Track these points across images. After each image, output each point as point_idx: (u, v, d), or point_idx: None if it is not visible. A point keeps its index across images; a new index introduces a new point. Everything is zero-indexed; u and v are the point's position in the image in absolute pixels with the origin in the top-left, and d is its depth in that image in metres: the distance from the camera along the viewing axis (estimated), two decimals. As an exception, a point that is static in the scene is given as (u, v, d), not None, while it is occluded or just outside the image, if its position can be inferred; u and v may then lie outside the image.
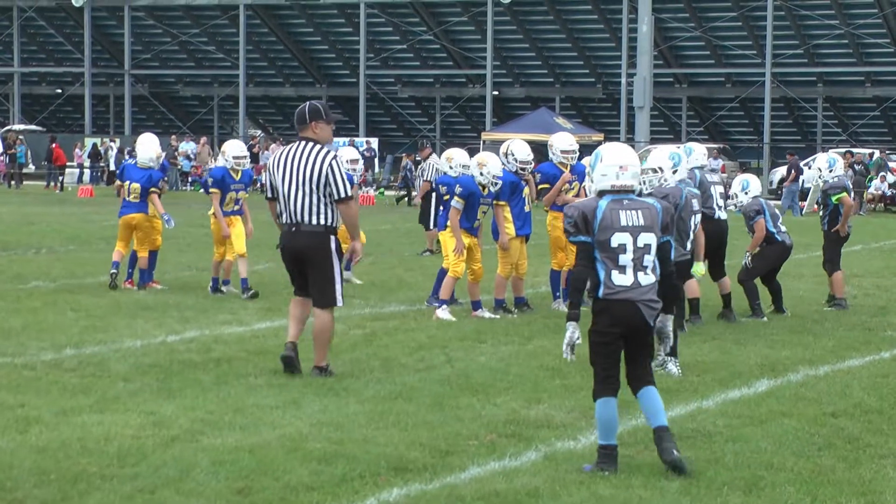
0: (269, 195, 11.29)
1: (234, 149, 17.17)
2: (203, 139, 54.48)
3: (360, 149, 53.45)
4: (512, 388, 10.58)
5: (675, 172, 12.78)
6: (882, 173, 43.33)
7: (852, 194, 16.56)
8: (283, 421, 9.20)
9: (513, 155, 15.41)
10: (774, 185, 46.60)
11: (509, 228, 15.23)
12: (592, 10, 56.23)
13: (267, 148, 52.33)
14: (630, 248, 8.05)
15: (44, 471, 7.72)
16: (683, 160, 13.08)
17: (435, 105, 64.17)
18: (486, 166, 14.93)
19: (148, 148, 17.64)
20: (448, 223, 14.83)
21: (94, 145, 55.51)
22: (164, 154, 18.27)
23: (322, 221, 11.01)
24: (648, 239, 8.10)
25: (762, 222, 15.34)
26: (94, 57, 64.40)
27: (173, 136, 57.55)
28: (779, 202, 15.46)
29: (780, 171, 46.17)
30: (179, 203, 40.48)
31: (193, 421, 9.14)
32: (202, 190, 16.31)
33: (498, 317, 14.87)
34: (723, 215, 15.06)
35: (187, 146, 52.94)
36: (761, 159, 55.07)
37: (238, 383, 10.65)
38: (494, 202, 15.11)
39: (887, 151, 47.79)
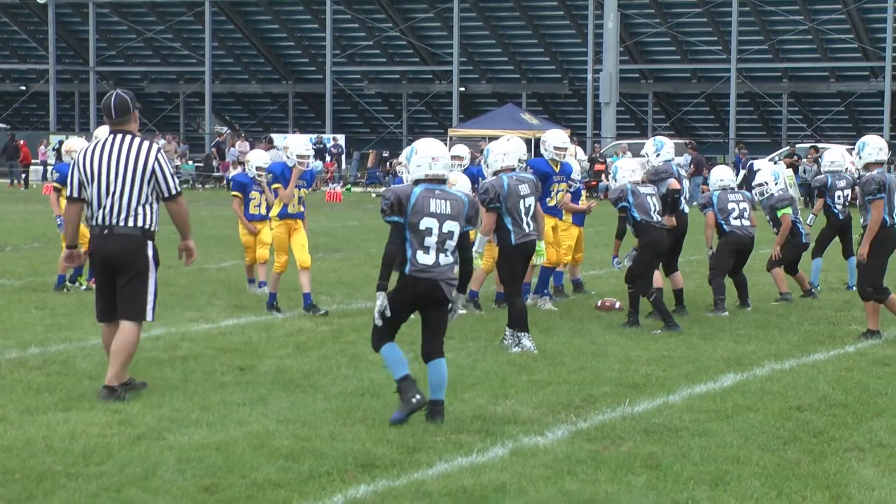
0: (75, 195, 9.93)
1: (299, 146, 15.19)
2: (169, 136, 54.33)
3: (328, 145, 53.59)
4: (479, 384, 10.58)
5: (487, 166, 13.23)
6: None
7: (797, 210, 16.67)
8: (250, 418, 9.18)
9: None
10: (740, 180, 46.70)
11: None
12: (558, 6, 56.33)
13: (233, 144, 52.28)
14: (435, 231, 9.10)
15: (8, 470, 7.67)
16: (492, 155, 13.17)
17: (402, 101, 64.18)
18: (455, 187, 14.84)
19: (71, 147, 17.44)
20: None
21: (61, 142, 55.20)
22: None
23: (139, 224, 9.78)
24: (452, 226, 9.15)
25: (711, 214, 15.63)
26: (58, 54, 64.09)
27: (161, 136, 57.45)
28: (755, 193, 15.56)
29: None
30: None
31: (160, 419, 9.11)
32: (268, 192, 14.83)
33: (464, 312, 14.86)
34: (686, 209, 15.23)
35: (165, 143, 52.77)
36: (727, 154, 55.24)
37: (205, 381, 10.62)
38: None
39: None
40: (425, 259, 9.08)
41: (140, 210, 9.77)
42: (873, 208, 13.23)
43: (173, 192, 9.90)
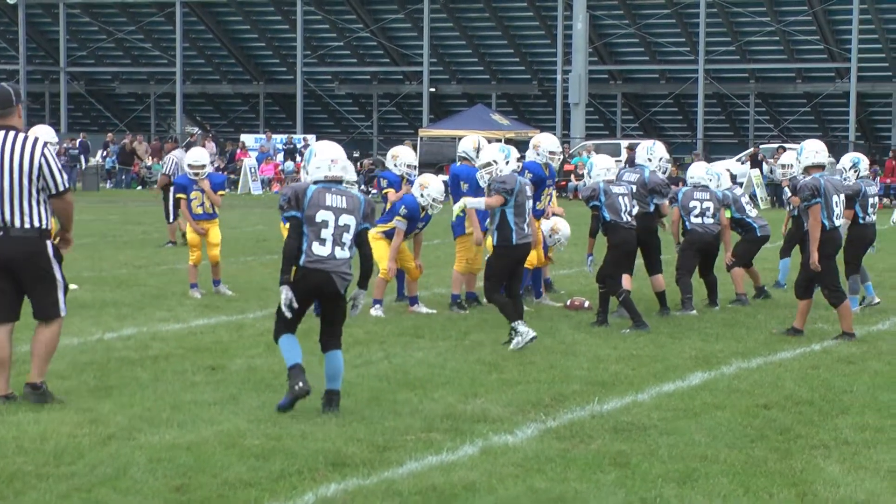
0: None
1: (190, 157, 16.66)
2: (139, 136, 54.20)
3: (299, 146, 53.51)
4: (449, 383, 10.59)
5: (507, 164, 12.97)
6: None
7: (743, 209, 16.79)
8: (221, 417, 9.16)
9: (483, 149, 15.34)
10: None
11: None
12: (528, 7, 56.37)
13: (203, 145, 52.15)
14: (332, 224, 9.26)
15: (-21, 470, 7.64)
16: (513, 154, 13.13)
17: (372, 102, 64.13)
18: (427, 188, 14.83)
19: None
20: (377, 230, 14.74)
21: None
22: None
23: (35, 224, 9.39)
24: (348, 220, 9.32)
25: (676, 210, 15.69)
26: (28, 54, 63.75)
27: (109, 134, 57.26)
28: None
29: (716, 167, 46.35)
30: (116, 201, 40.29)
31: (131, 418, 9.08)
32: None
33: (434, 311, 14.88)
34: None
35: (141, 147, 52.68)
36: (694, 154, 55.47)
37: (175, 380, 10.60)
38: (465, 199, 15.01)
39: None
40: (321, 250, 9.24)
41: (35, 208, 9.39)
42: (811, 214, 13.28)
43: (60, 188, 9.50)
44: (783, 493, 7.45)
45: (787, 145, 46.00)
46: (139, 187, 51.14)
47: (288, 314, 9.26)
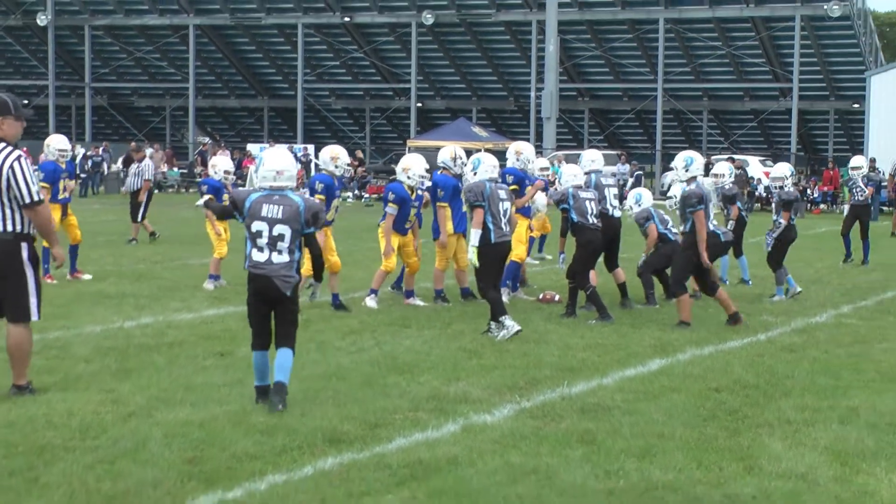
0: None
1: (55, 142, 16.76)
2: (157, 145, 54.01)
3: (298, 154, 53.47)
4: (434, 368, 10.58)
5: (475, 174, 12.84)
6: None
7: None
8: (229, 398, 9.15)
9: (461, 159, 15.25)
10: (665, 188, 46.95)
11: (448, 227, 15.10)
12: (505, 31, 56.35)
13: (215, 153, 52.01)
14: (266, 234, 8.82)
15: (12, 443, 7.62)
16: (483, 163, 12.88)
17: (365, 115, 64.03)
18: (411, 169, 14.88)
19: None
20: (382, 225, 14.74)
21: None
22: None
23: (10, 228, 8.85)
24: (282, 230, 8.81)
25: (653, 227, 15.62)
26: (57, 71, 63.56)
27: (133, 143, 57.04)
28: (665, 205, 15.52)
29: (670, 176, 46.47)
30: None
31: (148, 398, 9.07)
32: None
33: (426, 304, 14.87)
34: (617, 213, 15.17)
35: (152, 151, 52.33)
36: (654, 164, 55.56)
37: (188, 364, 10.58)
38: (438, 204, 14.98)
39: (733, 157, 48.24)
40: (259, 256, 8.86)
41: (10, 213, 8.85)
42: (696, 219, 13.37)
43: (27, 200, 8.85)
44: (732, 467, 7.47)
45: (735, 156, 46.24)
46: (156, 190, 50.94)
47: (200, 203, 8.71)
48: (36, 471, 7.05)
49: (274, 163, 8.95)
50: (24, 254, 8.93)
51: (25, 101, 68.59)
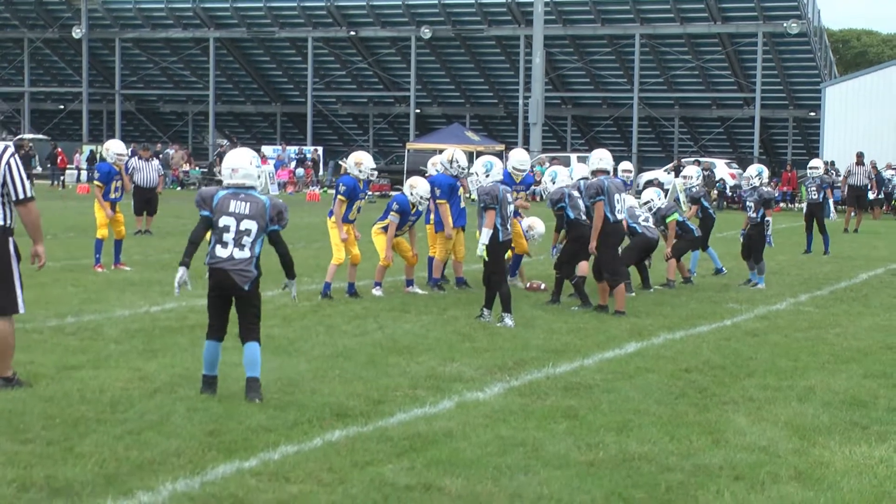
0: None
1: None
2: (177, 146, 53.96)
3: (309, 155, 53.39)
4: (431, 350, 10.57)
5: (487, 176, 12.64)
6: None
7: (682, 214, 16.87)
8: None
9: (457, 162, 15.21)
10: (641, 188, 46.95)
11: (449, 221, 15.02)
12: (496, 45, 56.34)
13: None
14: (233, 229, 8.29)
15: (49, 416, 7.60)
16: (495, 167, 12.71)
17: (368, 120, 64.04)
18: (416, 188, 14.74)
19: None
20: (378, 226, 14.71)
21: (91, 151, 54.76)
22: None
23: (1, 222, 8.23)
24: (249, 225, 8.30)
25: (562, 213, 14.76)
26: (90, 79, 63.49)
27: (158, 145, 56.95)
28: (678, 183, 15.64)
29: (645, 176, 46.53)
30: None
31: (172, 376, 9.04)
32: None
33: (423, 292, 14.84)
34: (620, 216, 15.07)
35: (173, 152, 52.23)
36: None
37: (209, 345, 10.53)
38: (437, 201, 14.92)
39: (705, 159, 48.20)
40: (221, 252, 8.28)
41: (0, 209, 8.22)
42: (595, 209, 13.31)
43: (20, 196, 8.20)
44: (701, 440, 7.46)
45: (701, 159, 46.24)
46: (178, 188, 50.88)
47: (176, 292, 8.44)
48: (71, 441, 7.03)
49: (230, 161, 8.47)
50: (11, 247, 8.31)
51: (61, 107, 68.82)
